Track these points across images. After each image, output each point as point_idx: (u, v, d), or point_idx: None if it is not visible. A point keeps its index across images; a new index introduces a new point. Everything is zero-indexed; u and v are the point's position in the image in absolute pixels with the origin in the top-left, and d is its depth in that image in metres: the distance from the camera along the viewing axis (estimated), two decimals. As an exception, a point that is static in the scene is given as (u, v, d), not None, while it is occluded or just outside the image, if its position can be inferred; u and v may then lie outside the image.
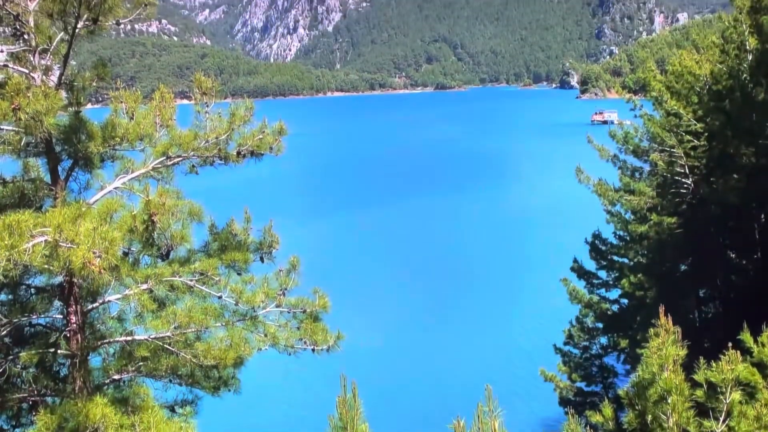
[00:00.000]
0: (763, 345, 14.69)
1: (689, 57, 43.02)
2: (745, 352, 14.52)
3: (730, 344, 13.68)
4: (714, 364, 13.34)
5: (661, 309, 13.65)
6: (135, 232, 15.38)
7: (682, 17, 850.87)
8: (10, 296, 16.67)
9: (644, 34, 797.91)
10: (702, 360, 13.52)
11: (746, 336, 15.01)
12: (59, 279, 15.97)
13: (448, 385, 58.09)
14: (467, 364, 62.08)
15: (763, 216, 38.31)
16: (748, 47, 35.20)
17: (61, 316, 16.62)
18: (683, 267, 42.91)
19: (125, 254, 16.66)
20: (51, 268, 12.44)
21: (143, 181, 16.85)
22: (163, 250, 16.52)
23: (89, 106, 17.07)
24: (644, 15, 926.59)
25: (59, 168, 16.21)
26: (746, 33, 35.07)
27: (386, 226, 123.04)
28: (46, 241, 11.87)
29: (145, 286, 16.08)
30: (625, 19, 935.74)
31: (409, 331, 71.79)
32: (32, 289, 16.89)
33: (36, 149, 16.18)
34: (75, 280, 15.43)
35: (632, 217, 44.24)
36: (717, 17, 45.13)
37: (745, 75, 35.42)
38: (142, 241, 16.09)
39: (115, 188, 16.56)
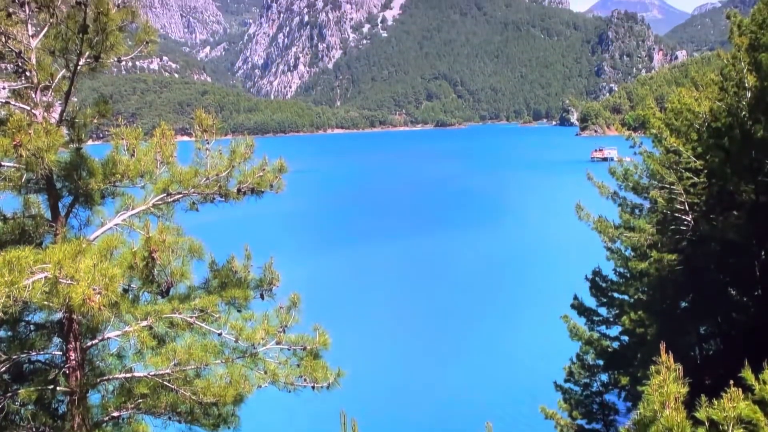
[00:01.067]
0: (765, 382, 14.64)
1: (688, 94, 43.13)
2: (747, 389, 14.45)
3: (731, 381, 13.62)
4: (716, 402, 13.28)
5: (662, 346, 13.61)
6: (135, 268, 15.40)
7: (681, 55, 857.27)
8: (9, 333, 16.66)
9: (643, 71, 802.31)
10: (703, 397, 13.46)
11: (747, 373, 14.95)
12: (59, 315, 15.98)
13: (448, 422, 57.82)
14: (468, 401, 61.81)
15: (763, 253, 38.27)
16: (746, 85, 35.26)
17: (61, 353, 16.61)
18: (684, 304, 42.83)
19: (125, 291, 16.68)
20: (51, 304, 12.48)
21: (143, 217, 16.89)
22: (163, 286, 16.51)
23: (90, 142, 17.16)
24: (643, 53, 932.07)
25: (60, 204, 16.27)
26: (745, 71, 35.14)
27: (387, 263, 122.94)
28: (46, 277, 11.88)
29: (144, 323, 16.08)
30: (625, 56, 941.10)
31: (409, 367, 71.54)
32: (32, 326, 16.89)
33: (37, 186, 16.24)
34: (74, 317, 15.45)
35: (632, 254, 44.21)
36: (715, 55, 45.35)
37: (744, 112, 35.47)
38: (142, 278, 16.11)
39: (116, 225, 16.60)
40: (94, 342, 16.88)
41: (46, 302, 12.28)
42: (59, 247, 12.61)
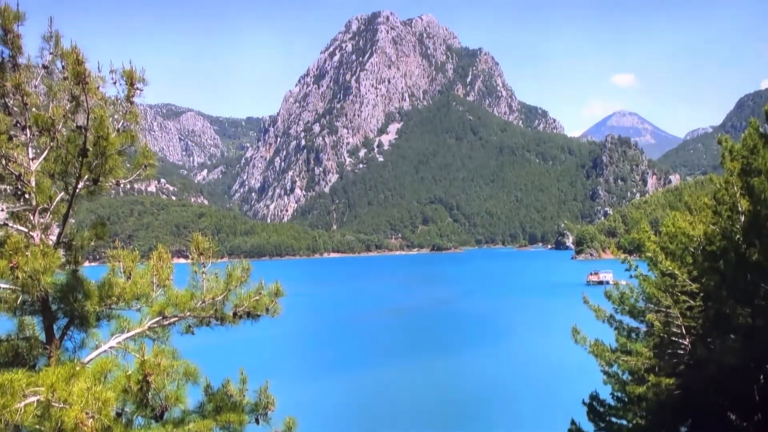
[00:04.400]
0: None
1: (682, 218, 43.49)
2: None
3: None
4: None
5: (662, 472, 13.50)
6: (129, 392, 15.28)
7: (674, 179, 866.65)
8: (-2, 458, 16.42)
9: (638, 195, 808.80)
10: None
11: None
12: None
13: None
14: None
15: (762, 377, 38.06)
16: (740, 209, 35.55)
17: (50, 479, 16.33)
18: (683, 429, 42.39)
19: (118, 415, 16.47)
20: (42, 428, 12.33)
21: (139, 340, 16.83)
22: (158, 410, 16.35)
23: (87, 264, 17.22)
24: (637, 177, 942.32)
25: (54, 326, 16.20)
26: (738, 195, 35.48)
27: (384, 387, 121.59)
28: (38, 401, 11.81)
29: (137, 448, 15.88)
30: (619, 180, 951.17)
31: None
32: (21, 450, 16.65)
33: (32, 307, 16.22)
34: (66, 441, 15.23)
35: (630, 378, 43.94)
36: (708, 179, 46.02)
37: (738, 236, 35.67)
38: (137, 402, 15.95)
39: (111, 347, 16.51)
40: (85, 467, 16.62)
41: (38, 426, 12.17)
42: (53, 370, 12.55)
